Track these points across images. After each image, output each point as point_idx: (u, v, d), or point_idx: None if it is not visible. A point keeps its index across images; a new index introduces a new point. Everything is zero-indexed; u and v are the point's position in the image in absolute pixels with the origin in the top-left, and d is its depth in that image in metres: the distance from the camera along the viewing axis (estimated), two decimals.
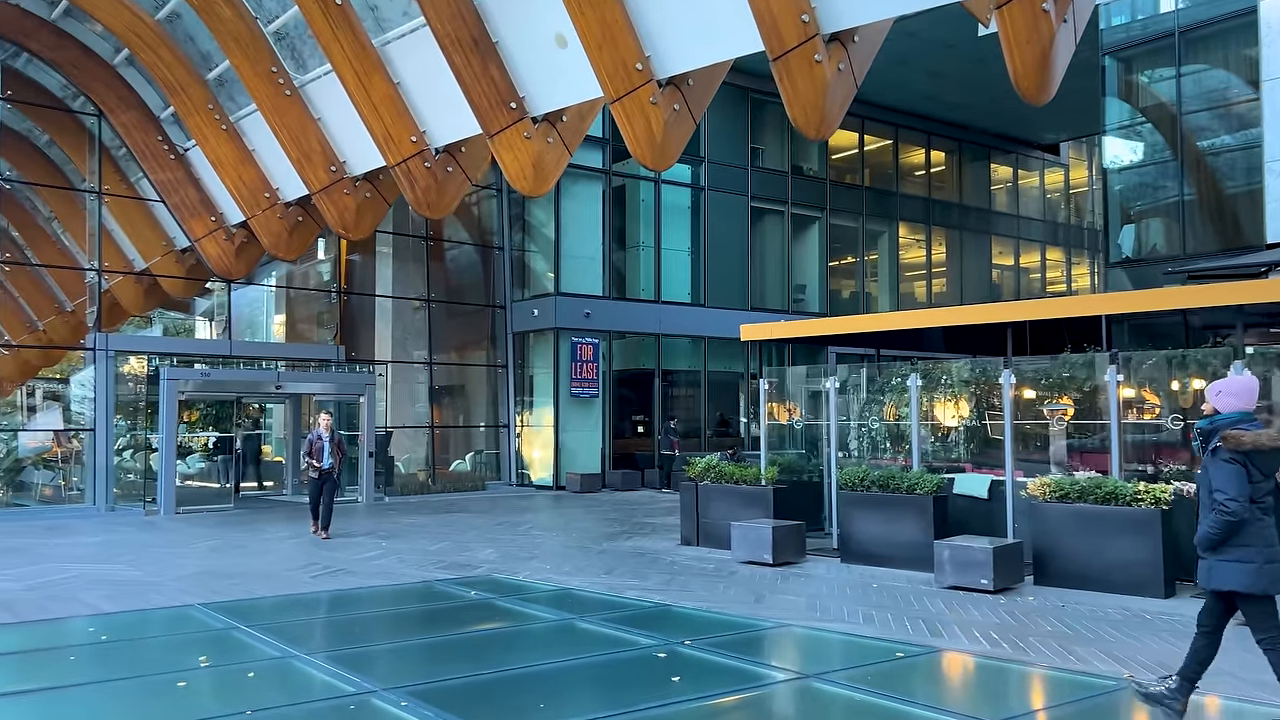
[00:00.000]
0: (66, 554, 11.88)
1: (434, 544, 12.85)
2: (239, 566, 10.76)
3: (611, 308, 23.63)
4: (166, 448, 17.30)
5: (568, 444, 22.96)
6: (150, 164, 19.07)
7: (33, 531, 14.59)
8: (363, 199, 16.95)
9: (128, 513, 17.40)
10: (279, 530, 14.68)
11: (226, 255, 19.57)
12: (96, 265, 18.91)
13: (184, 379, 17.55)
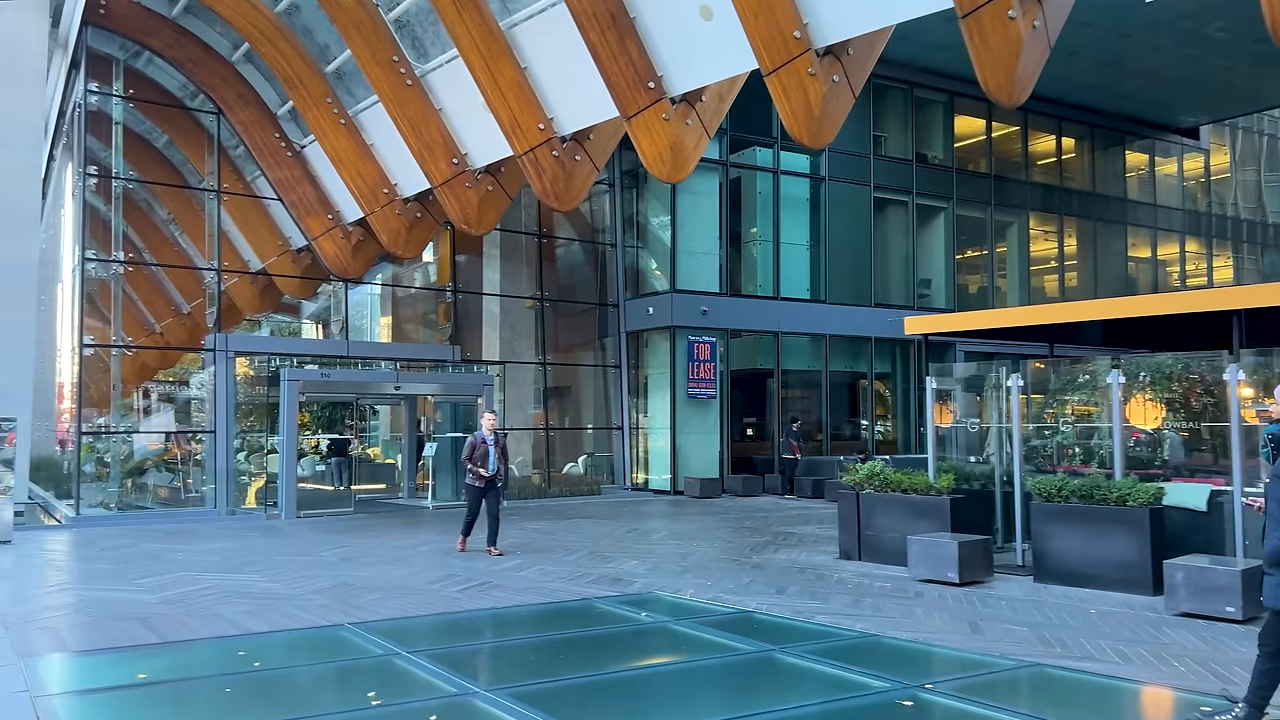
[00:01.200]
0: (195, 561, 11.40)
1: (570, 553, 12.03)
2: (376, 578, 10.08)
3: (728, 305, 22.62)
4: (287, 450, 16.91)
5: (684, 447, 22.01)
6: (268, 161, 18.79)
7: (157, 536, 14.27)
8: (485, 192, 16.30)
9: (248, 517, 17.07)
10: (406, 537, 14.06)
11: (343, 254, 19.18)
12: (216, 265, 18.66)
13: (304, 379, 17.14)
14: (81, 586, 9.50)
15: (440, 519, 16.85)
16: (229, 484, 17.63)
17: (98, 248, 17.74)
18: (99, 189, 18.24)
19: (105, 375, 18.85)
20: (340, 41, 16.78)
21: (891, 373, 25.62)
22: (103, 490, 17.71)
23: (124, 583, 9.78)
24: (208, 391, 18.19)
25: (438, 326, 23.35)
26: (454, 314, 21.51)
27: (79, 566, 10.95)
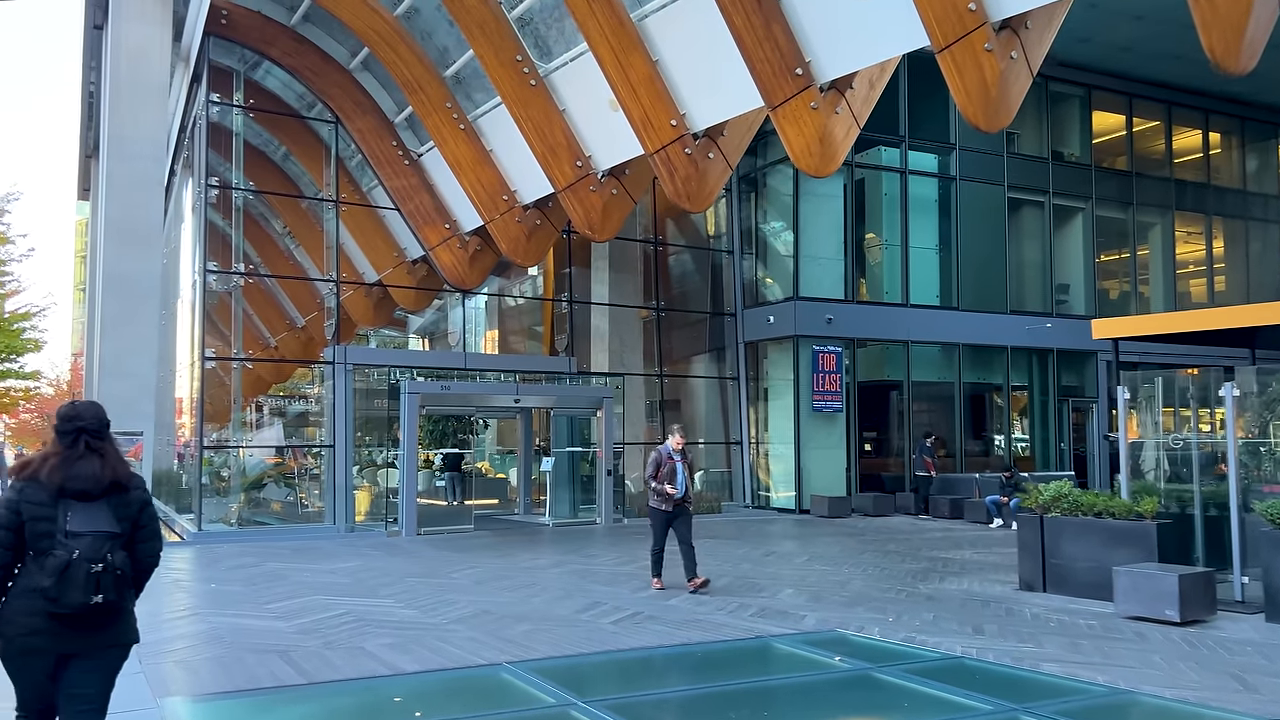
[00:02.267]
0: (324, 583, 10.82)
1: (716, 579, 11.07)
2: (518, 605, 9.31)
3: (854, 312, 21.44)
4: (408, 465, 16.41)
5: (809, 463, 20.87)
6: (385, 170, 18.44)
7: (280, 553, 13.84)
8: (609, 196, 15.55)
9: (368, 534, 16.60)
10: (533, 557, 13.32)
11: (460, 264, 18.69)
12: (335, 277, 18.35)
13: (424, 392, 16.63)
14: (212, 611, 8.95)
15: (563, 537, 16.11)
16: (348, 499, 17.22)
17: (217, 261, 17.57)
18: (218, 203, 18.14)
19: (222, 389, 18.73)
20: (460, 44, 16.31)
21: (1028, 384, 24.01)
22: (222, 505, 17.48)
23: (255, 607, 9.21)
24: (326, 405, 17.84)
25: (548, 338, 22.75)
26: (569, 325, 20.83)
27: (206, 588, 10.47)
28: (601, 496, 18.29)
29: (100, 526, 3.55)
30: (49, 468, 3.63)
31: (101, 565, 3.47)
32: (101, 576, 3.46)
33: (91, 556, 3.46)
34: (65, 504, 3.56)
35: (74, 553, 3.44)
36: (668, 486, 10.23)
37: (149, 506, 3.82)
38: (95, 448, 3.70)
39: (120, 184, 17.73)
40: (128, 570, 3.60)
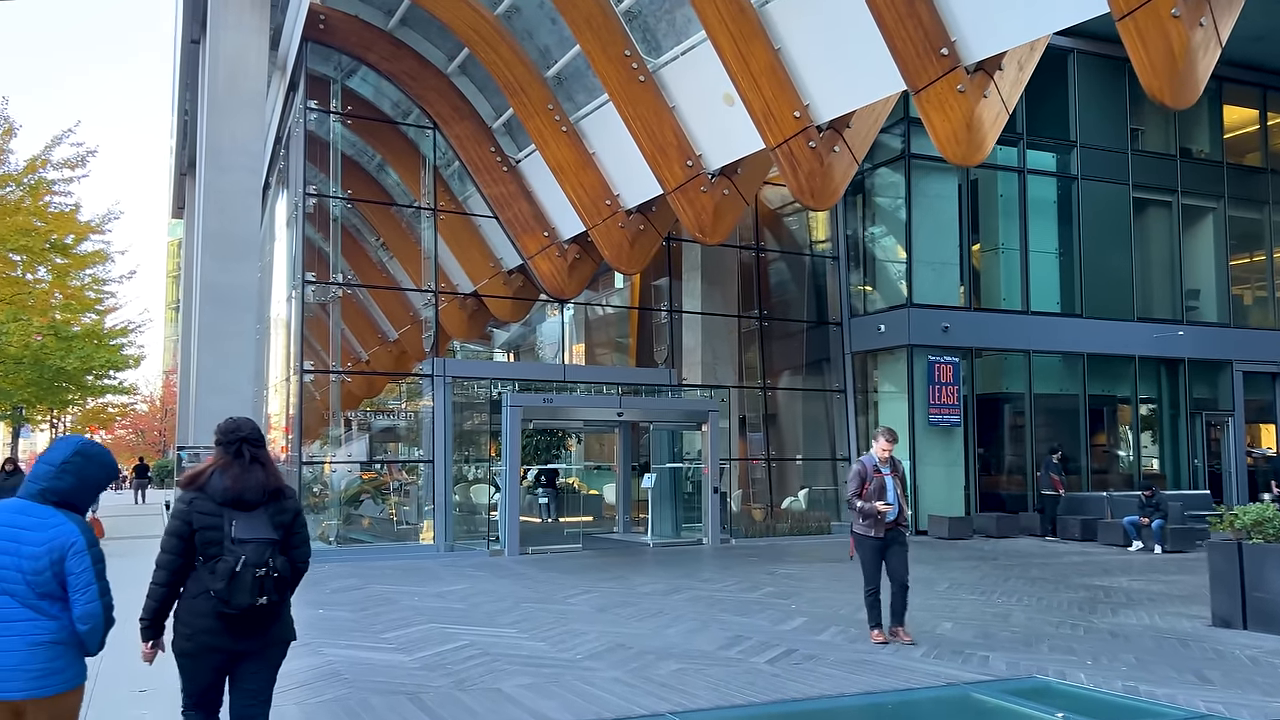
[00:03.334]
0: (437, 609, 10.10)
1: (857, 609, 10.05)
2: (652, 638, 8.43)
3: (971, 320, 20.20)
4: (510, 481, 15.72)
5: (925, 480, 19.65)
6: (484, 177, 17.88)
7: (383, 574, 13.21)
8: (721, 197, 14.70)
9: (469, 553, 15.93)
10: (648, 580, 12.44)
11: (559, 273, 18.03)
12: (433, 287, 17.81)
13: (526, 405, 15.93)
14: (325, 641, 8.26)
15: (671, 558, 15.23)
16: (448, 517, 16.60)
17: (314, 273, 17.17)
18: (314, 213, 17.76)
19: (314, 403, 18.31)
20: (561, 43, 15.69)
21: (1156, 396, 22.41)
22: (318, 522, 17.00)
23: (370, 637, 8.50)
24: (424, 419, 17.28)
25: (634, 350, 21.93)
26: (670, 337, 19.97)
27: (314, 614, 9.82)
28: (708, 516, 17.38)
29: (261, 534, 3.80)
30: (217, 478, 3.86)
31: (265, 570, 3.73)
32: (265, 580, 3.73)
33: (256, 562, 3.72)
34: (229, 512, 3.80)
35: (240, 558, 3.70)
36: (879, 504, 8.24)
37: (301, 514, 4.09)
38: (256, 458, 3.93)
39: (217, 195, 17.44)
40: (287, 574, 3.85)
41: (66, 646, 3.33)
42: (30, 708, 3.24)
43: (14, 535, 3.32)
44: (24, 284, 19.13)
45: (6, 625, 3.26)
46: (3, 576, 3.27)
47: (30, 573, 3.27)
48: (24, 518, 3.36)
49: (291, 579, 3.93)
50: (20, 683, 3.23)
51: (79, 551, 3.33)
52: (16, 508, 3.39)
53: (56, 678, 3.30)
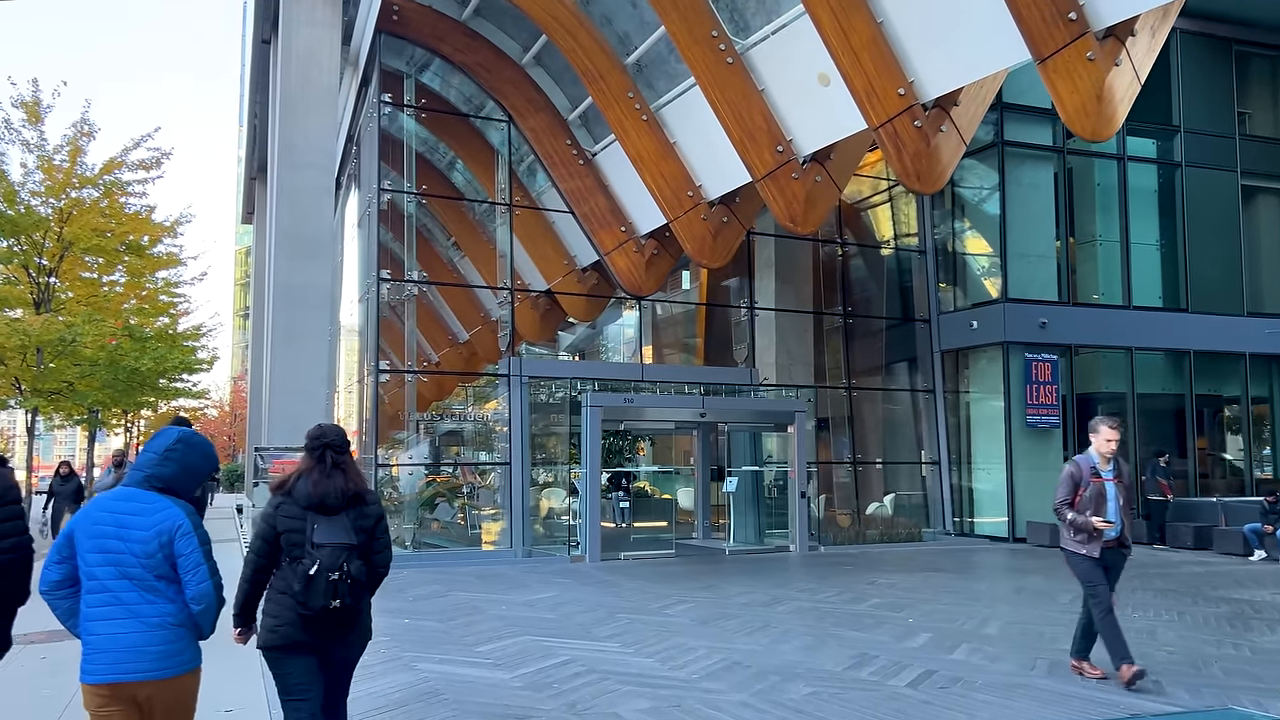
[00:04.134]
0: (527, 619, 9.49)
1: (980, 622, 9.23)
2: (768, 655, 7.71)
3: (1069, 316, 19.11)
4: (591, 485, 15.10)
5: (1022, 484, 18.60)
6: (559, 171, 17.32)
7: (463, 580, 12.66)
8: (813, 184, 13.93)
9: (548, 559, 15.35)
10: (744, 591, 11.71)
11: (637, 269, 17.39)
12: (509, 284, 17.28)
13: (606, 405, 15.31)
14: (417, 655, 7.69)
15: (759, 566, 14.48)
16: (525, 521, 16.04)
17: (389, 271, 16.76)
18: (386, 212, 17.37)
19: (384, 405, 17.90)
20: (641, 29, 15.07)
21: (1268, 396, 21.06)
22: (395, 526, 16.55)
23: (463, 650, 7.90)
24: (501, 420, 16.75)
25: (701, 350, 21.14)
26: (750, 335, 19.20)
27: (400, 623, 9.28)
28: (796, 521, 16.59)
29: (339, 539, 3.88)
30: (302, 484, 3.95)
31: (339, 574, 3.80)
32: (339, 584, 3.80)
33: (330, 566, 3.80)
34: (313, 516, 3.90)
35: (317, 562, 3.80)
36: (1095, 520, 6.60)
37: (383, 519, 4.15)
38: (338, 464, 4.00)
39: (290, 194, 17.12)
40: (363, 578, 3.91)
41: (184, 629, 3.40)
42: (151, 689, 3.30)
43: (122, 521, 3.37)
44: (99, 285, 19.06)
45: (127, 608, 3.32)
46: (119, 561, 3.33)
47: (142, 556, 3.33)
48: (130, 504, 3.41)
49: (369, 583, 4.01)
50: (143, 664, 3.28)
51: (186, 533, 3.38)
52: (122, 495, 3.44)
53: (176, 659, 3.35)
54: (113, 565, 3.32)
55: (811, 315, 19.65)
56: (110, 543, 3.34)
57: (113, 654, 3.28)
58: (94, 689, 3.28)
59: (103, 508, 3.42)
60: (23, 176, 16.65)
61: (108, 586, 3.32)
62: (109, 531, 3.35)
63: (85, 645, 3.33)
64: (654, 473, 22.89)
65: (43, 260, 16.89)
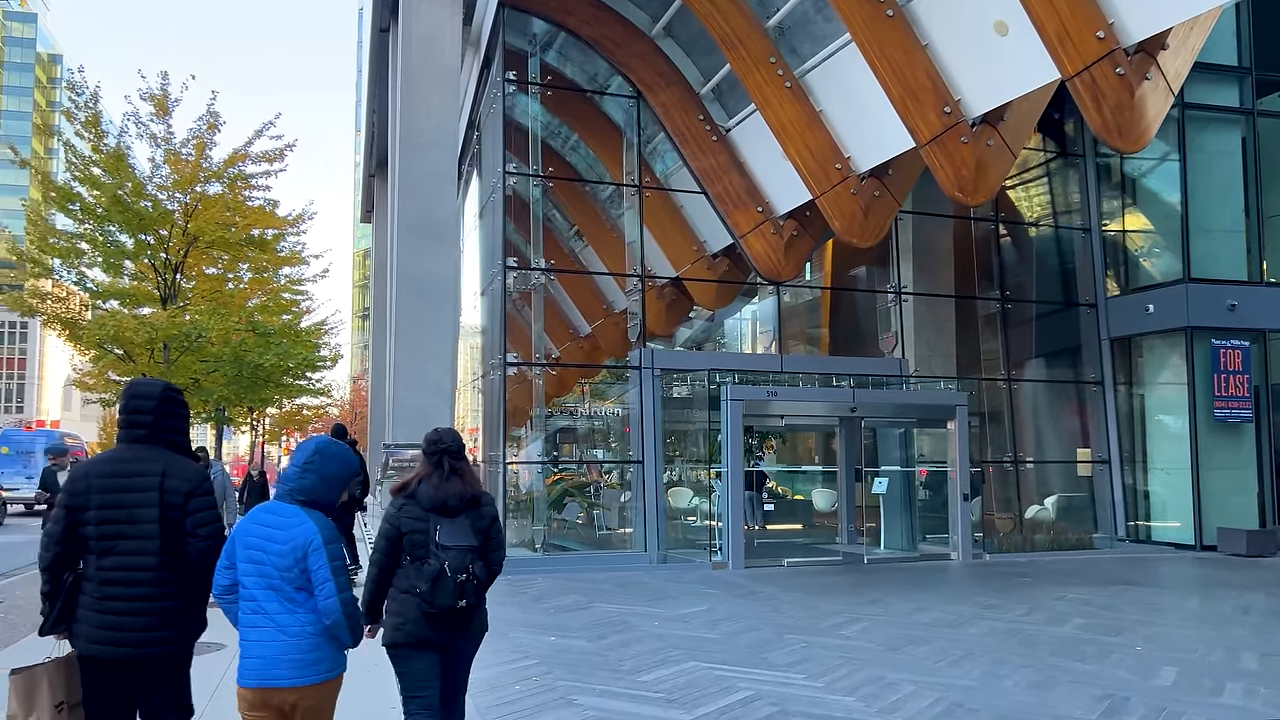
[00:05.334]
0: (684, 638, 8.37)
1: (1225, 653, 7.68)
2: (992, 695, 6.42)
3: (1261, 297, 17.02)
4: (733, 485, 13.92)
5: (1210, 486, 16.60)
6: (691, 149, 16.20)
7: (601, 589, 11.65)
8: (984, 149, 12.44)
9: (685, 565, 14.23)
10: (919, 608, 10.35)
11: (774, 252, 16.13)
12: (639, 271, 16.24)
13: (748, 399, 14.10)
14: (574, 686, 6.65)
15: (922, 576, 13.09)
16: (660, 524, 14.98)
17: (515, 258, 15.91)
18: (510, 198, 16.53)
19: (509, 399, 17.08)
20: None
21: None
22: (523, 528, 15.70)
23: (623, 679, 6.82)
24: (632, 415, 15.72)
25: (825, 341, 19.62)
26: (899, 322, 17.68)
27: (544, 640, 8.27)
28: (958, 526, 15.06)
29: (463, 541, 4.02)
30: (424, 487, 4.11)
31: (465, 575, 3.97)
32: (465, 584, 3.96)
33: (458, 567, 3.95)
34: (435, 518, 4.05)
35: (444, 563, 3.94)
36: None
37: (497, 521, 4.24)
38: (456, 468, 4.16)
39: (413, 180, 16.48)
40: (484, 578, 4.08)
41: (323, 639, 3.47)
42: (294, 696, 3.40)
43: (268, 535, 3.49)
44: (223, 281, 18.85)
45: (270, 618, 3.44)
46: (265, 572, 3.45)
47: (282, 569, 3.43)
48: (273, 517, 3.53)
49: (487, 581, 4.11)
50: (285, 671, 3.39)
51: (316, 549, 3.46)
52: (268, 508, 3.58)
53: (315, 668, 3.44)
54: (259, 575, 3.46)
55: (958, 301, 18.01)
56: (258, 554, 3.47)
57: (260, 660, 3.40)
58: (245, 692, 3.42)
59: (254, 520, 3.55)
60: (150, 170, 16.45)
61: (255, 596, 3.46)
62: (257, 543, 3.49)
63: (240, 650, 3.47)
64: (787, 472, 21.59)
65: (168, 256, 16.66)
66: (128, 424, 3.75)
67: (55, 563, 3.62)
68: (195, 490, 3.70)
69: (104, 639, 3.56)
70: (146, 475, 3.65)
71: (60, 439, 29.50)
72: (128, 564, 3.59)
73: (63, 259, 16.13)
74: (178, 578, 3.63)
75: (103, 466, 3.71)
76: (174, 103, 16.52)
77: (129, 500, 3.62)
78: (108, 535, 3.59)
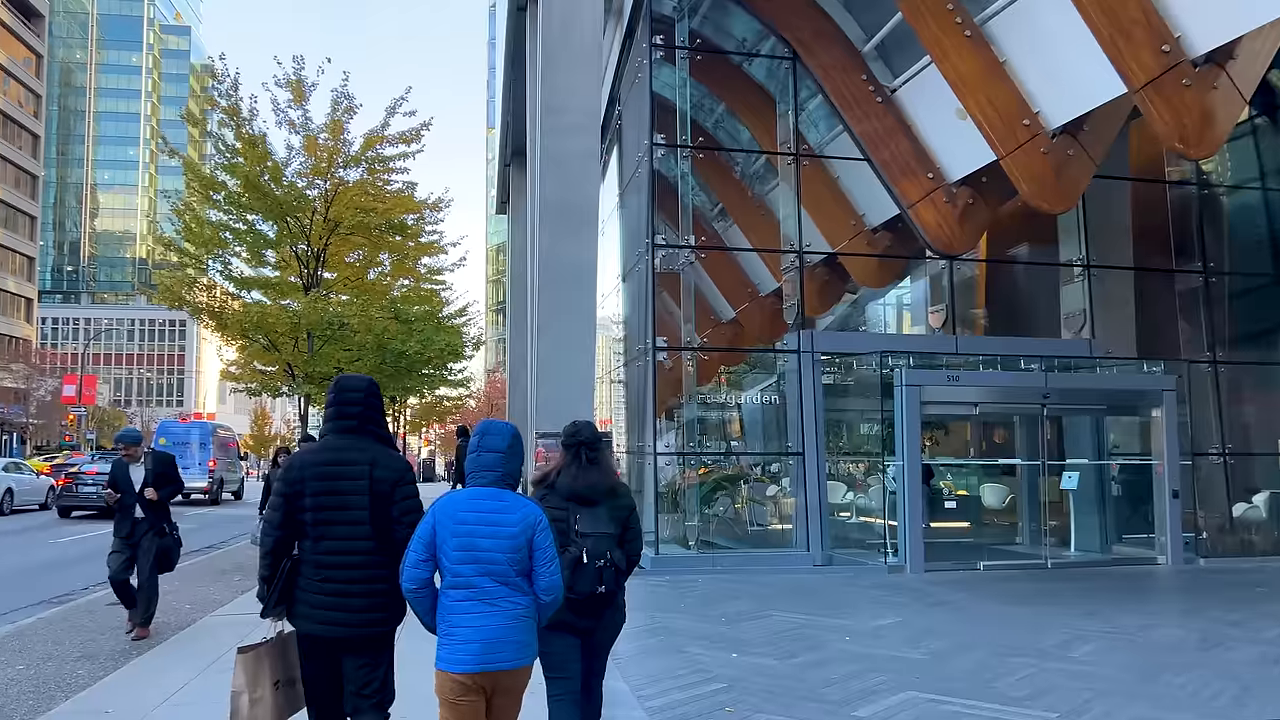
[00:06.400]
0: (892, 661, 7.21)
1: None
2: None
3: None
4: (909, 479, 12.60)
5: None
6: (853, 113, 14.88)
7: (773, 594, 10.56)
8: (1210, 91, 10.74)
9: (856, 567, 13.00)
10: (1149, 621, 8.89)
11: (947, 222, 14.66)
12: (798, 246, 15.03)
13: (927, 385, 12.75)
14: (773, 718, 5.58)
15: (1131, 582, 11.58)
16: (824, 521, 13.77)
17: (664, 235, 14.94)
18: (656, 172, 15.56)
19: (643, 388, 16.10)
20: None
21: None
22: (674, 523, 14.73)
23: (835, 713, 5.74)
24: (791, 402, 14.55)
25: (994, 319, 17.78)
26: (1087, 298, 15.86)
27: (725, 657, 7.25)
28: (1167, 527, 13.32)
29: (602, 528, 4.12)
30: (563, 478, 4.21)
31: (604, 561, 4.05)
32: (605, 571, 4.06)
33: (597, 554, 4.05)
34: (574, 507, 4.13)
35: (584, 550, 4.03)
36: None
37: (634, 510, 4.35)
38: (593, 459, 4.25)
39: (554, 161, 15.66)
40: (623, 566, 4.17)
41: (532, 621, 3.58)
42: (507, 678, 3.48)
43: (495, 519, 3.54)
44: (364, 269, 18.55)
45: (491, 603, 3.49)
46: (487, 559, 3.50)
47: (510, 551, 3.52)
48: (496, 503, 3.58)
49: (625, 569, 4.19)
50: (505, 654, 3.46)
51: (544, 528, 3.59)
52: (488, 494, 3.61)
53: (529, 649, 3.55)
54: (476, 562, 3.48)
55: (1148, 275, 16.06)
56: (477, 540, 3.50)
57: (477, 645, 3.43)
58: (455, 677, 3.44)
59: (465, 507, 3.55)
60: (288, 156, 16.21)
61: (472, 582, 3.48)
62: (477, 530, 3.51)
63: (446, 637, 3.48)
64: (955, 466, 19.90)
65: (309, 245, 16.41)
66: (337, 415, 3.94)
67: (276, 547, 3.82)
68: (400, 479, 3.87)
69: (323, 619, 3.75)
70: (357, 464, 3.83)
71: (213, 429, 30.29)
72: (342, 548, 3.78)
73: (207, 249, 16.03)
74: (389, 562, 3.77)
75: (316, 455, 3.90)
76: (310, 87, 16.20)
77: (341, 488, 3.81)
78: (322, 521, 3.79)
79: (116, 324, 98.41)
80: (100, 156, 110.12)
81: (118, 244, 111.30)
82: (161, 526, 8.14)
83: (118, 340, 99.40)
